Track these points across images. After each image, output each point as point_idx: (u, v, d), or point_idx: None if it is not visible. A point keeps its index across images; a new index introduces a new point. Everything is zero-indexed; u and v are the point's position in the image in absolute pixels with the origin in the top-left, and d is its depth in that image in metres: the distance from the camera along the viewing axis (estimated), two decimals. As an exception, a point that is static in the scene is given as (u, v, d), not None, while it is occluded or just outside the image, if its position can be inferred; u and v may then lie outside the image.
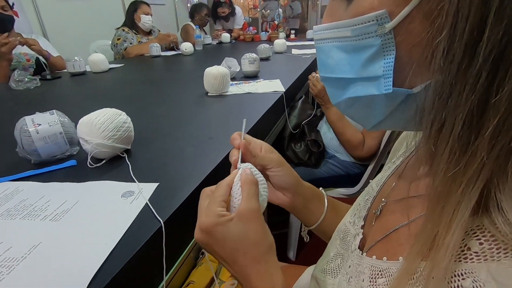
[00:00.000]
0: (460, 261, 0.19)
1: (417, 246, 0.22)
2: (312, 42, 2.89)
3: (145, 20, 2.49)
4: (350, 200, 0.97)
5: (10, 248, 0.40)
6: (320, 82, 1.15)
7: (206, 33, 3.25)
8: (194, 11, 3.26)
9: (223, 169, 0.63)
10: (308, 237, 0.52)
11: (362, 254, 0.31)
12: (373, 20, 0.21)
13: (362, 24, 0.22)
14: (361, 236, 0.35)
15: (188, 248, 0.53)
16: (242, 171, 0.36)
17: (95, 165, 0.62)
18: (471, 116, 0.17)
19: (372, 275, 0.27)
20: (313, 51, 2.25)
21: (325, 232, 0.48)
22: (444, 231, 0.19)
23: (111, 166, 0.62)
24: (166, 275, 0.44)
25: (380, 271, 0.26)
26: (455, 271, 0.19)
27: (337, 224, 0.47)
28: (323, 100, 1.16)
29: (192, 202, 0.52)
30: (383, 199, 0.32)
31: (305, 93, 1.53)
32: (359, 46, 0.23)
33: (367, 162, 1.14)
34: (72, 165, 0.63)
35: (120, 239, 0.40)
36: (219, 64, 1.28)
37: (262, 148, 0.44)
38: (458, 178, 0.19)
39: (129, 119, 0.67)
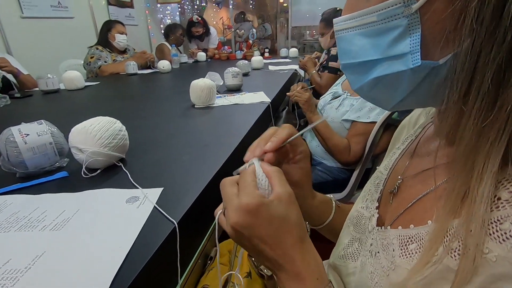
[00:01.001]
0: (493, 210, 0.21)
1: (448, 205, 0.23)
2: (286, 60, 3.02)
3: (119, 39, 2.46)
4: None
5: (10, 260, 0.36)
6: (305, 93, 1.20)
7: (181, 52, 3.28)
8: (169, 31, 3.28)
9: (227, 171, 0.63)
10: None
11: (385, 228, 0.32)
12: (400, 3, 0.24)
13: (388, 8, 0.24)
14: (377, 216, 0.36)
15: (197, 253, 0.51)
16: (261, 162, 0.36)
17: (90, 175, 0.59)
18: (498, 72, 0.20)
19: (401, 243, 0.28)
20: (290, 67, 2.34)
21: (333, 230, 0.49)
22: (477, 183, 0.21)
23: (107, 175, 0.59)
24: (180, 278, 0.42)
25: (409, 238, 0.28)
26: (491, 219, 0.21)
27: (344, 222, 0.49)
28: (309, 108, 1.20)
29: (201, 203, 0.51)
30: (399, 177, 0.34)
31: (287, 104, 1.58)
32: (384, 28, 0.25)
33: (353, 167, 1.19)
34: (64, 176, 0.59)
35: (133, 244, 0.39)
36: (200, 80, 1.29)
37: (299, 154, 0.42)
38: (487, 132, 0.21)
39: (124, 127, 0.65)
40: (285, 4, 6.52)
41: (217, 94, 1.22)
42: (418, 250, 0.27)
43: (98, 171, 0.60)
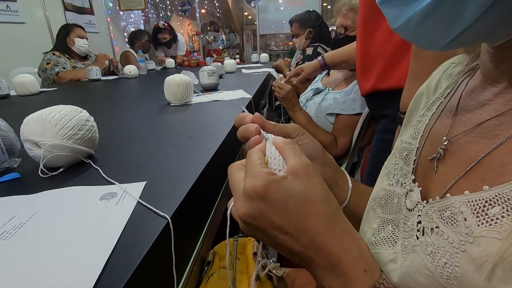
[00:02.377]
0: None
1: None
2: (258, 65, 3.00)
3: (79, 44, 2.28)
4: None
5: None
6: (287, 85, 1.15)
7: (147, 59, 3.13)
8: (134, 38, 3.13)
9: (220, 160, 0.55)
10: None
11: (441, 198, 0.27)
12: None
13: None
14: (419, 189, 0.31)
15: (192, 257, 0.42)
16: (272, 137, 0.30)
17: (49, 174, 0.47)
18: None
19: (475, 210, 0.23)
20: (264, 69, 2.32)
21: (354, 211, 0.43)
22: None
23: (73, 173, 0.48)
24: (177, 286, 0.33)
25: (486, 201, 0.22)
26: None
27: (362, 202, 0.43)
28: (290, 103, 1.16)
29: (195, 196, 0.42)
30: (444, 138, 0.29)
31: (268, 103, 1.53)
32: None
33: (340, 161, 1.15)
34: (15, 178, 0.47)
35: (114, 248, 0.29)
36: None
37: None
38: None
39: (92, 118, 0.55)
40: (249, 17, 6.64)
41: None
42: (505, 214, 0.21)
43: (61, 169, 0.49)
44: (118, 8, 3.95)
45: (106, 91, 1.65)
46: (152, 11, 4.98)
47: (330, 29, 2.00)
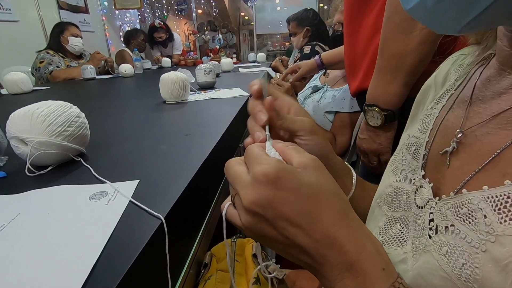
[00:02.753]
0: None
1: None
2: (255, 64, 2.98)
3: (74, 43, 2.24)
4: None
5: None
6: (286, 83, 1.13)
7: (143, 59, 3.09)
8: (129, 37, 3.09)
9: (217, 158, 0.53)
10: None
11: (455, 195, 0.25)
12: None
13: None
14: (430, 185, 0.29)
15: (188, 260, 0.40)
16: (272, 141, 0.28)
17: (37, 173, 0.45)
18: None
19: (496, 206, 0.21)
20: (261, 68, 2.30)
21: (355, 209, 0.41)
22: None
23: (62, 172, 0.46)
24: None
25: (510, 197, 0.20)
26: None
27: (366, 200, 0.41)
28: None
29: (190, 196, 0.40)
30: (457, 130, 0.27)
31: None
32: None
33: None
34: (0, 177, 0.45)
35: (103, 249, 0.27)
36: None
37: (292, 108, 0.35)
38: None
39: (83, 114, 0.52)
40: (246, 17, 6.62)
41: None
42: None
43: (49, 168, 0.47)
44: (113, 7, 3.91)
45: (100, 89, 1.62)
46: (148, 10, 4.94)
47: (328, 27, 1.99)
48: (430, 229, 0.27)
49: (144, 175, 0.43)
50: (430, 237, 0.26)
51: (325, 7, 5.74)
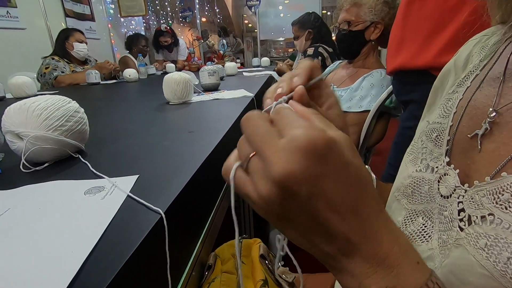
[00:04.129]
0: None
1: None
2: (259, 68, 2.97)
3: (79, 48, 2.25)
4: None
5: None
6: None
7: (146, 64, 3.09)
8: (131, 43, 3.05)
9: (221, 154, 0.50)
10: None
11: (492, 180, 0.22)
12: None
13: None
14: (456, 172, 0.26)
15: (191, 260, 0.37)
16: (291, 102, 0.24)
17: (32, 169, 0.43)
18: None
19: None
20: (266, 72, 2.29)
21: None
22: None
23: (59, 168, 0.44)
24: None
25: None
26: None
27: (382, 198, 0.38)
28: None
29: (192, 191, 0.38)
30: (490, 109, 0.24)
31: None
32: None
33: (347, 161, 1.10)
34: (-6, 173, 0.43)
35: (95, 246, 0.24)
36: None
37: (326, 101, 0.29)
38: None
39: (83, 110, 0.50)
40: (250, 25, 6.67)
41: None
42: None
43: (46, 164, 0.44)
44: (119, 15, 3.96)
45: (104, 93, 1.62)
46: (153, 17, 5.00)
47: (332, 26, 1.97)
48: (461, 220, 0.24)
49: (144, 171, 0.40)
50: (461, 229, 0.23)
51: (328, 13, 5.77)
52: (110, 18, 3.99)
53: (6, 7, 2.53)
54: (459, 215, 0.24)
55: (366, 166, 0.38)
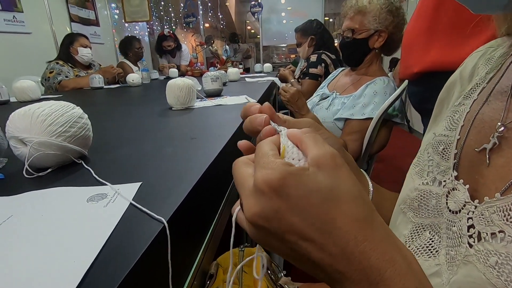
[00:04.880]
0: None
1: None
2: (261, 74, 2.98)
3: (83, 53, 2.28)
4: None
5: None
6: (291, 87, 1.11)
7: (139, 68, 3.03)
8: (125, 48, 2.96)
9: (224, 160, 0.50)
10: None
11: (502, 196, 0.21)
12: None
13: None
14: (465, 187, 0.26)
15: (193, 269, 0.36)
16: (286, 130, 0.25)
17: (35, 175, 0.42)
18: None
19: None
20: (268, 78, 2.30)
21: None
22: None
23: (62, 174, 0.44)
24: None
25: None
26: None
27: (385, 209, 0.38)
28: (296, 107, 1.11)
29: (195, 199, 0.37)
30: (499, 124, 0.24)
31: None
32: None
33: (349, 168, 1.10)
34: (-3, 179, 0.43)
35: (97, 256, 0.24)
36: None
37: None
38: None
39: (86, 116, 0.51)
40: (252, 31, 6.73)
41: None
42: None
43: (49, 170, 0.44)
44: (123, 20, 4.01)
45: (108, 97, 1.63)
46: (156, 23, 5.06)
47: (335, 33, 1.98)
48: (470, 236, 0.23)
49: (147, 178, 0.40)
50: (470, 245, 0.23)
51: (331, 20, 5.81)
52: (115, 23, 4.04)
53: (13, 12, 2.57)
54: (468, 231, 0.24)
55: (364, 173, 0.38)
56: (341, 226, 0.18)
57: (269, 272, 0.41)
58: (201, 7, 4.81)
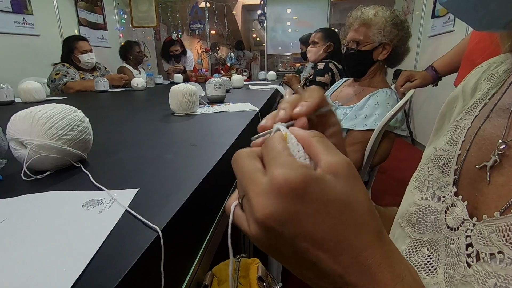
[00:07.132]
0: None
1: None
2: (265, 82, 3.00)
3: (85, 60, 2.25)
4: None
5: None
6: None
7: (139, 72, 3.04)
8: (125, 52, 2.94)
9: (223, 169, 0.50)
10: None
11: (502, 215, 0.21)
12: None
13: None
14: (464, 204, 0.25)
15: (187, 280, 0.36)
16: (290, 128, 0.24)
17: (33, 177, 0.42)
18: None
19: None
20: (272, 86, 2.31)
21: None
22: None
23: (60, 177, 0.44)
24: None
25: None
26: None
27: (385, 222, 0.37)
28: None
29: (192, 208, 0.37)
30: (499, 141, 0.24)
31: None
32: None
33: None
34: (-5, 180, 0.43)
35: (88, 264, 0.24)
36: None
37: (329, 129, 0.29)
38: None
39: (88, 119, 0.51)
40: (258, 39, 6.80)
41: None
42: None
43: (47, 173, 0.44)
44: (130, 25, 4.07)
45: (111, 101, 1.64)
46: (163, 29, 5.12)
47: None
48: (469, 255, 0.23)
49: (145, 184, 0.40)
50: (469, 265, 0.22)
51: (336, 30, 5.87)
52: (122, 28, 4.09)
53: (23, 14, 2.62)
54: (466, 250, 0.23)
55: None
56: (358, 238, 0.18)
57: (264, 284, 0.41)
58: (207, 14, 4.88)
